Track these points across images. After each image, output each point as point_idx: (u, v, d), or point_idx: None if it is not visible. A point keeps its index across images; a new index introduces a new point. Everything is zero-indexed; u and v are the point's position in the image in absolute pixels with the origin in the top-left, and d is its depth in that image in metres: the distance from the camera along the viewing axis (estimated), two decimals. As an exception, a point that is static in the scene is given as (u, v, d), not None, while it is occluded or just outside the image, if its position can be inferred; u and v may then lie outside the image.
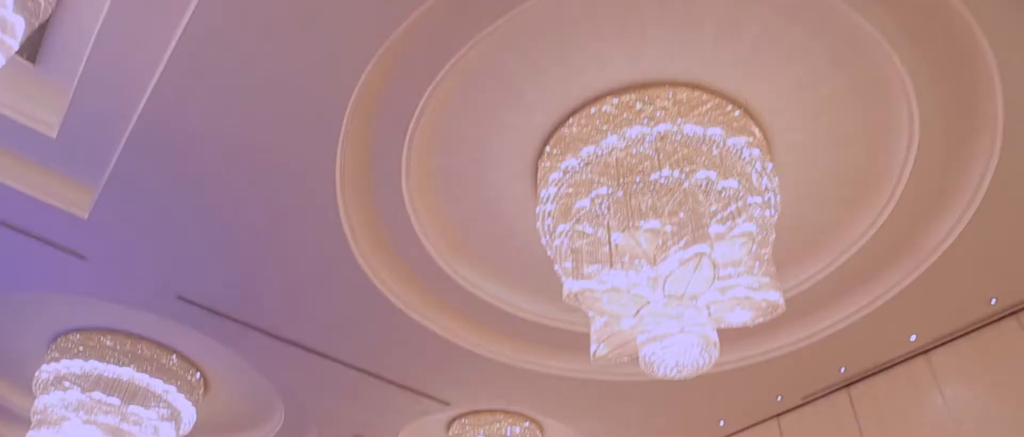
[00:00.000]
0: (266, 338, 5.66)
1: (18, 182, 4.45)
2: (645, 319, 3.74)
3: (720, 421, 6.78)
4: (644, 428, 6.87)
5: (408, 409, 6.66)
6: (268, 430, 7.61)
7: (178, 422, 6.66)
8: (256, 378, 6.73)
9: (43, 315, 6.31)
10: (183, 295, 5.27)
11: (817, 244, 4.97)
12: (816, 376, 6.11)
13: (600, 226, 3.87)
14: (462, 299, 5.32)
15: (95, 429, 6.20)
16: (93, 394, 6.22)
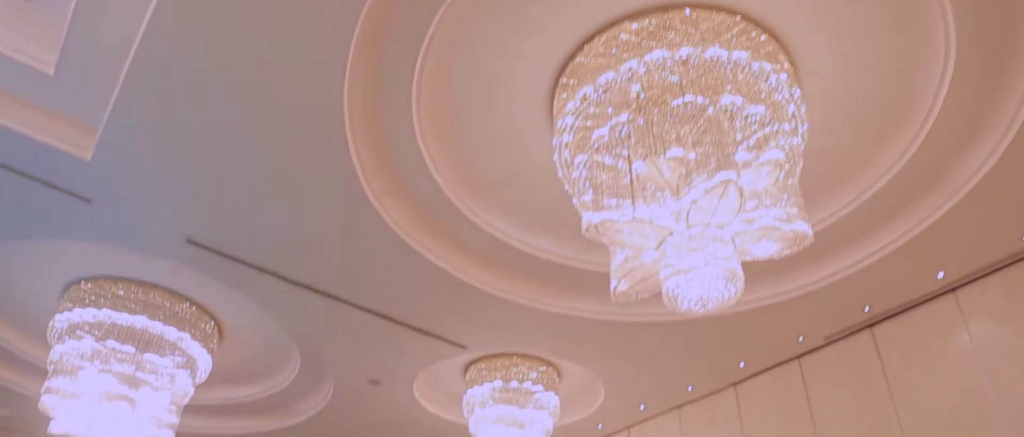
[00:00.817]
0: (278, 282, 5.56)
1: (18, 123, 4.32)
2: (668, 251, 3.59)
3: (740, 362, 6.68)
4: (663, 370, 6.79)
5: (424, 353, 6.59)
6: (284, 377, 7.59)
7: (194, 370, 6.63)
8: (270, 325, 6.68)
9: (53, 264, 6.25)
10: (192, 239, 5.16)
11: (842, 178, 4.79)
12: (839, 316, 5.98)
13: (620, 157, 3.71)
14: (477, 238, 5.19)
15: (111, 378, 6.19)
16: (107, 343, 6.19)
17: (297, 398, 7.94)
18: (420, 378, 7.17)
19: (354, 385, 7.26)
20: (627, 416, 7.79)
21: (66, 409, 6.32)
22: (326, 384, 7.47)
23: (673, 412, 7.59)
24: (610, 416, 7.78)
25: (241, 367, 7.65)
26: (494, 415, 6.60)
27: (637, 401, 7.45)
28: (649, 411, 7.66)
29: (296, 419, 8.22)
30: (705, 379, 7.01)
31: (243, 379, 7.91)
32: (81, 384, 6.20)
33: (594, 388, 7.38)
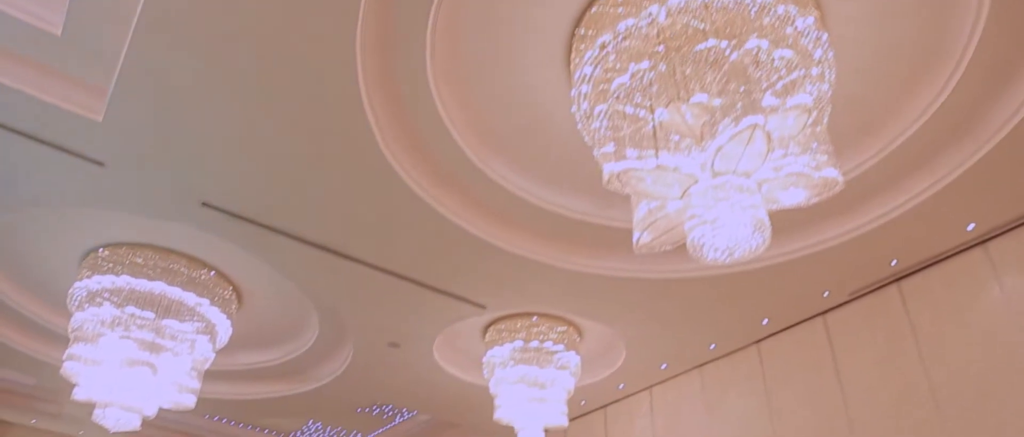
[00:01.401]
0: (294, 243, 5.51)
1: (28, 85, 4.25)
2: (693, 201, 3.49)
3: (764, 319, 6.59)
4: (685, 328, 6.71)
5: (443, 314, 6.54)
6: (304, 342, 7.59)
7: (213, 335, 6.64)
8: (288, 289, 6.65)
9: (71, 232, 6.24)
10: (207, 201, 5.11)
11: (870, 127, 4.65)
12: (865, 270, 5.86)
13: (642, 106, 3.59)
14: (496, 196, 5.10)
15: (131, 344, 6.20)
16: (127, 309, 6.19)
17: (317, 362, 7.95)
18: (439, 340, 7.13)
19: (373, 348, 7.24)
20: (648, 376, 7.74)
21: (88, 375, 6.36)
22: (345, 347, 7.46)
23: (695, 371, 7.53)
24: (631, 376, 7.73)
25: (260, 332, 7.65)
26: (515, 375, 6.56)
27: (658, 360, 7.39)
28: (670, 370, 7.60)
29: (316, 383, 8.24)
30: (727, 337, 6.93)
31: (263, 344, 7.92)
32: (102, 350, 6.22)
33: (615, 348, 7.32)
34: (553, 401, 6.64)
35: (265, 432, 10.72)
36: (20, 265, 6.82)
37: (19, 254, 6.65)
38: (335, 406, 8.96)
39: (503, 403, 6.66)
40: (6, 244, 6.50)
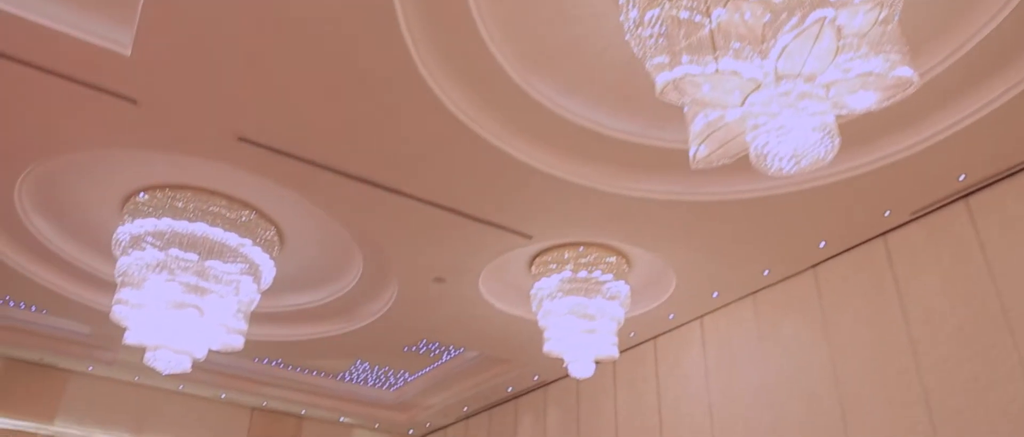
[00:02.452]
0: (335, 177, 5.37)
1: (52, 20, 4.12)
2: (755, 107, 3.24)
3: (821, 242, 6.33)
4: (737, 253, 6.48)
5: (488, 246, 6.40)
6: (348, 281, 7.53)
7: (258, 276, 6.60)
8: (331, 228, 6.56)
9: (110, 177, 6.21)
10: (244, 136, 4.98)
11: (940, 28, 4.31)
12: (930, 186, 5.55)
13: (697, 9, 3.32)
14: (539, 117, 4.88)
15: (177, 286, 6.19)
16: (170, 251, 6.16)
17: (362, 301, 7.91)
18: (485, 273, 7.00)
19: (418, 284, 7.14)
20: (699, 305, 7.55)
21: (137, 319, 6.39)
22: (390, 285, 7.38)
23: (748, 299, 7.32)
24: (681, 305, 7.55)
25: (304, 273, 7.61)
26: (563, 307, 6.43)
27: (710, 289, 7.19)
28: (722, 298, 7.40)
29: (362, 322, 8.21)
30: (782, 262, 6.69)
31: (307, 285, 7.89)
32: (148, 294, 6.23)
33: (665, 277, 7.13)
34: (603, 332, 6.51)
35: (314, 374, 10.83)
36: (65, 214, 6.84)
37: (63, 203, 6.66)
38: (381, 345, 8.95)
39: (552, 336, 6.55)
40: (49, 194, 6.51)
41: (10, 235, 7.07)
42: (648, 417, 8.11)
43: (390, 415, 11.78)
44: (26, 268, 7.58)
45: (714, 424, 7.27)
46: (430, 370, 10.32)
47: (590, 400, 9.13)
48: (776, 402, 6.71)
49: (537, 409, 10.06)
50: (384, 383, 11.10)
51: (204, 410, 11.26)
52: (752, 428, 6.87)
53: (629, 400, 8.49)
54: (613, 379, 8.80)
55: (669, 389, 7.98)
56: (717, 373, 7.44)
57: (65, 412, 10.33)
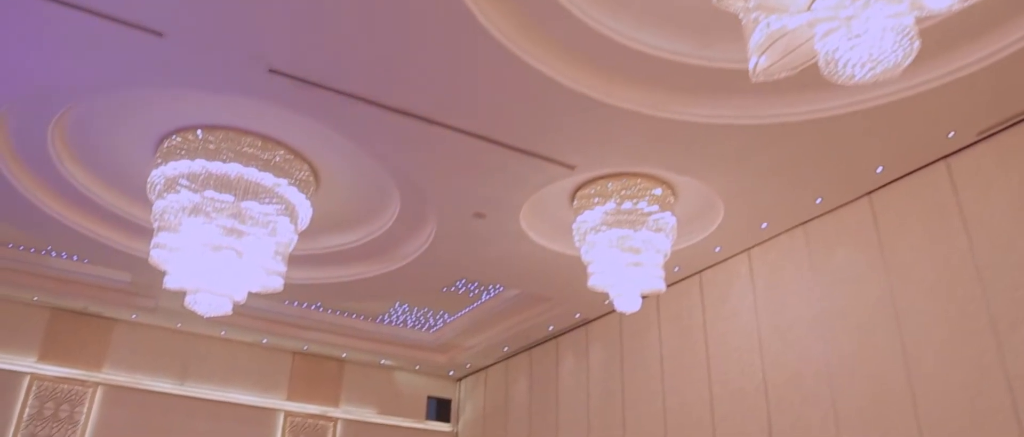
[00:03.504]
0: (370, 109, 5.16)
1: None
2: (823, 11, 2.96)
3: (878, 167, 6.02)
4: (789, 180, 6.20)
5: (530, 178, 6.18)
6: (385, 220, 7.38)
7: (294, 217, 6.48)
8: (367, 165, 6.38)
9: (141, 120, 6.08)
10: (274, 67, 4.78)
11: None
12: (1001, 103, 5.19)
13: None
14: (582, 37, 4.60)
15: (214, 228, 6.09)
16: (205, 193, 6.05)
17: (400, 240, 7.76)
18: (526, 208, 6.79)
19: (458, 220, 6.97)
20: (747, 236, 7.30)
21: (176, 263, 6.32)
22: (428, 222, 7.21)
23: (798, 229, 7.05)
24: (728, 237, 7.30)
25: (341, 213, 7.48)
26: (607, 240, 6.22)
27: (758, 219, 6.92)
28: (772, 229, 7.13)
29: (400, 262, 8.08)
30: (836, 189, 6.39)
31: (344, 225, 7.77)
32: (186, 237, 6.14)
33: (712, 207, 6.87)
34: (649, 265, 6.31)
35: (353, 317, 10.81)
36: (100, 160, 6.78)
37: (96, 149, 6.59)
38: (420, 286, 8.84)
39: (597, 270, 6.36)
40: (82, 140, 6.45)
41: (47, 183, 7.03)
42: (694, 353, 7.95)
43: (430, 357, 11.78)
44: (65, 217, 7.57)
45: (764, 359, 7.09)
46: (470, 310, 10.24)
47: (633, 337, 8.99)
48: (829, 335, 6.49)
49: (579, 348, 9.95)
50: (424, 325, 11.06)
51: (247, 355, 11.36)
52: (804, 362, 6.67)
53: (674, 336, 8.33)
54: (657, 315, 8.63)
55: (716, 324, 7.79)
56: (766, 306, 7.22)
57: (112, 360, 10.47)
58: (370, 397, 12.18)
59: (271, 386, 11.43)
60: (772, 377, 6.95)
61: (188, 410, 10.71)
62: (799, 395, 6.64)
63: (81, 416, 10.04)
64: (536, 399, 10.64)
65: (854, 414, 6.11)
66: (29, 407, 9.77)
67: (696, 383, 7.81)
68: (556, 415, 10.05)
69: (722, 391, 7.47)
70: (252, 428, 11.07)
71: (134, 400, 10.43)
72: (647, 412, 8.39)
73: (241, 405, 11.09)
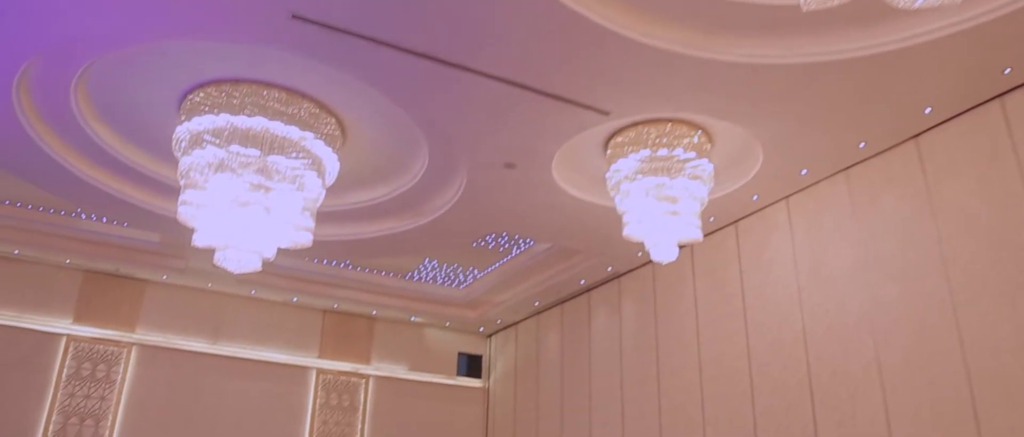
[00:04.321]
0: (397, 54, 4.99)
1: None
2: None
3: (926, 108, 5.75)
4: (831, 123, 5.95)
5: (562, 126, 5.98)
6: (414, 173, 7.25)
7: (322, 172, 6.36)
8: (394, 117, 6.23)
9: (163, 76, 5.98)
10: (297, 12, 4.61)
11: None
12: (1059, 35, 4.90)
13: None
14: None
15: (241, 183, 5.99)
16: (231, 147, 5.94)
17: (429, 194, 7.63)
18: (558, 157, 6.60)
19: (488, 172, 6.81)
20: (786, 184, 7.07)
21: (204, 220, 6.25)
22: (458, 174, 7.06)
23: (840, 175, 6.80)
24: (766, 185, 7.07)
25: (368, 167, 7.35)
26: (642, 188, 6.03)
27: (798, 165, 6.69)
28: (812, 176, 6.89)
29: (430, 216, 7.95)
30: (881, 132, 6.13)
31: (372, 180, 7.64)
32: (213, 194, 6.06)
33: (749, 154, 6.64)
34: (686, 214, 6.13)
35: (383, 274, 10.76)
36: (124, 119, 6.71)
37: (120, 107, 6.53)
38: (450, 241, 8.72)
39: (632, 219, 6.19)
40: (106, 99, 6.38)
41: (74, 144, 6.99)
42: (731, 304, 7.79)
43: (460, 313, 11.73)
44: (92, 178, 7.54)
45: (803, 309, 6.91)
46: (500, 265, 10.13)
47: (667, 290, 8.83)
48: (873, 283, 6.29)
49: (611, 301, 9.82)
50: (453, 281, 10.99)
51: (278, 314, 11.38)
52: (846, 312, 6.49)
53: (709, 288, 8.17)
54: (691, 267, 8.46)
55: (752, 275, 7.61)
56: (805, 255, 7.02)
57: (145, 320, 10.53)
58: (401, 354, 12.20)
59: (303, 344, 11.47)
60: (812, 327, 6.78)
61: (222, 369, 10.78)
62: (840, 345, 6.47)
63: (117, 376, 10.14)
64: (568, 354, 10.57)
65: (898, 364, 5.94)
66: (67, 368, 9.88)
67: (732, 335, 7.66)
68: (589, 369, 9.98)
69: (759, 342, 7.32)
70: (285, 386, 11.14)
71: (168, 359, 10.51)
72: (682, 365, 8.28)
73: (274, 363, 11.15)
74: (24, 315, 9.76)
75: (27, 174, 7.44)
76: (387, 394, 11.88)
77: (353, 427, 11.47)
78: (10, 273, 9.78)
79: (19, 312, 9.74)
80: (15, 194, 8.58)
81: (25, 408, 9.51)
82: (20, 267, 9.86)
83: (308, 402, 11.28)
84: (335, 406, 11.44)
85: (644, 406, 8.75)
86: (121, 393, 10.10)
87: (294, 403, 11.18)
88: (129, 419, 10.03)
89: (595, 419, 9.63)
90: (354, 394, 11.64)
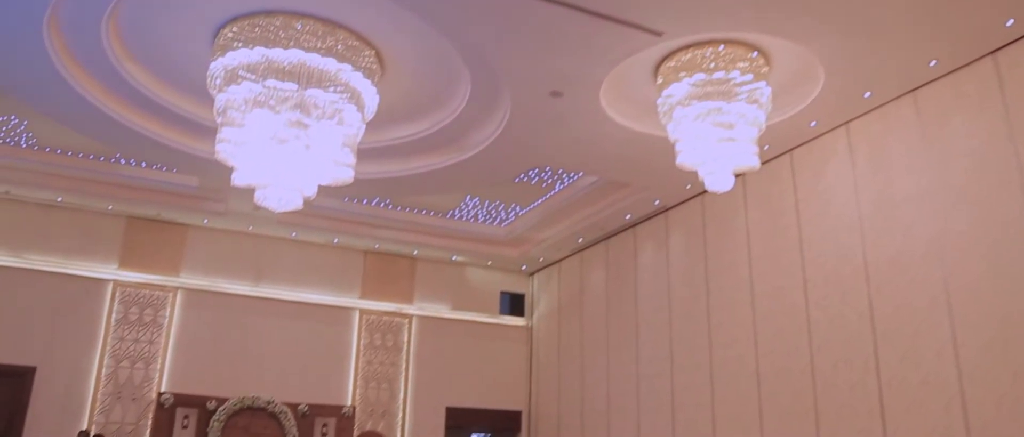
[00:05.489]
0: (437, -27, 4.71)
1: None
2: None
3: (1008, 20, 5.31)
4: (900, 40, 5.55)
5: (612, 49, 5.66)
6: (455, 105, 7.00)
7: (360, 105, 6.14)
8: (434, 45, 5.97)
9: (195, 10, 5.81)
10: (331, -69, 4.34)
11: None
12: None
13: None
14: None
15: (278, 119, 5.80)
16: (267, 82, 5.74)
17: (471, 127, 7.39)
18: (606, 84, 6.27)
19: (533, 100, 6.52)
20: (847, 108, 6.67)
21: (242, 157, 6.09)
22: (501, 105, 6.78)
23: (907, 97, 6.39)
24: (826, 109, 6.69)
25: (408, 101, 7.12)
26: (696, 114, 5.72)
27: (861, 87, 6.29)
28: (876, 98, 6.49)
29: (472, 150, 7.72)
30: (954, 49, 5.71)
31: (412, 115, 7.42)
32: (250, 131, 5.89)
33: (808, 77, 6.25)
34: (742, 140, 5.81)
35: (424, 213, 10.60)
36: (158, 59, 6.60)
37: (153, 47, 6.42)
38: (492, 176, 8.49)
39: (685, 147, 5.90)
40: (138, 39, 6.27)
41: (109, 86, 6.90)
42: (786, 236, 7.48)
43: (502, 251, 11.57)
44: (128, 120, 7.45)
45: (864, 239, 6.59)
46: (543, 201, 9.89)
47: (717, 223, 8.54)
48: (942, 210, 5.95)
49: (658, 236, 9.56)
50: (495, 219, 10.79)
51: (319, 256, 11.33)
52: (911, 241, 6.17)
53: (763, 220, 7.86)
54: (743, 199, 8.14)
55: (809, 204, 7.28)
56: (868, 183, 6.67)
57: (189, 264, 10.57)
58: (443, 293, 12.13)
59: (345, 285, 11.44)
60: (874, 258, 6.48)
61: (266, 311, 10.81)
62: (905, 277, 6.17)
63: (164, 319, 10.23)
64: (613, 291, 10.38)
65: (968, 296, 5.64)
66: (115, 312, 9.98)
67: (788, 268, 7.38)
68: (635, 306, 9.79)
69: (817, 275, 7.04)
70: (329, 327, 11.16)
71: (213, 302, 10.56)
72: (734, 300, 8.03)
73: (317, 305, 11.15)
74: (71, 261, 9.82)
75: (63, 117, 7.36)
76: (430, 334, 11.86)
77: (397, 367, 11.50)
78: (55, 220, 9.82)
79: (66, 259, 9.80)
80: (54, 141, 8.53)
81: (78, 353, 9.66)
82: (64, 214, 9.89)
83: (352, 342, 11.31)
84: (379, 346, 11.46)
85: (694, 342, 8.55)
86: (169, 336, 10.20)
87: (339, 343, 11.22)
88: (178, 361, 10.14)
89: (642, 356, 9.47)
90: (397, 334, 11.64)
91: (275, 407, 10.22)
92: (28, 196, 9.52)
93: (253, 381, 10.35)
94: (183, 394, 9.89)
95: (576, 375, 10.94)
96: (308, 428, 10.42)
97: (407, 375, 11.54)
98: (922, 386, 5.83)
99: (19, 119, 8.02)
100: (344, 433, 10.54)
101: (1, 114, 7.90)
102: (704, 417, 8.17)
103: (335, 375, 11.08)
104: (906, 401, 5.93)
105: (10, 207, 9.61)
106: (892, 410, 6.05)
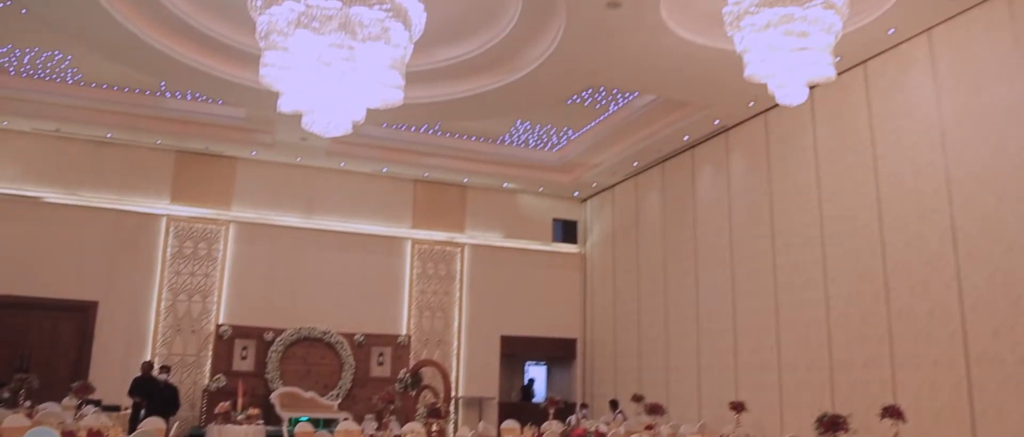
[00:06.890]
0: None
1: None
2: None
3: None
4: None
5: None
6: (506, 22, 6.64)
7: (407, 23, 5.80)
8: (481, -43, 5.61)
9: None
10: None
11: None
12: None
13: None
14: None
15: (322, 40, 5.53)
16: (309, 0, 5.46)
17: (521, 46, 7.04)
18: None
19: (588, 12, 6.13)
20: (930, 12, 6.15)
21: (288, 82, 5.87)
22: (555, 20, 6.41)
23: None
24: (906, 16, 6.18)
25: (457, 19, 6.78)
26: (766, 21, 5.27)
27: (948, -12, 5.78)
28: (964, 1, 5.95)
29: (524, 70, 7.38)
30: (1058, -62, 5.16)
31: (461, 34, 7.09)
32: (295, 54, 5.64)
33: (890, -22, 5.76)
34: (816, 49, 5.35)
35: (473, 139, 10.33)
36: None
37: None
38: (544, 97, 8.17)
39: (754, 59, 5.46)
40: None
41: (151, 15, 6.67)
42: (859, 155, 7.04)
43: (554, 177, 11.30)
44: (173, 49, 7.28)
45: (947, 155, 6.15)
46: (596, 124, 9.53)
47: (782, 142, 8.11)
48: (1037, 120, 5.48)
49: (718, 157, 9.16)
50: (546, 144, 10.48)
51: (369, 186, 11.21)
52: (1001, 156, 5.72)
53: (832, 137, 7.41)
54: (811, 115, 7.68)
55: (885, 120, 6.82)
56: (952, 95, 6.18)
57: (239, 197, 10.56)
58: (495, 221, 11.96)
59: (396, 215, 11.34)
60: (957, 175, 6.05)
61: (318, 241, 10.79)
62: (992, 195, 5.74)
63: (218, 252, 10.29)
64: (670, 216, 10.06)
65: (1064, 210, 5.22)
66: (170, 246, 10.06)
67: (860, 187, 6.97)
68: (693, 231, 9.47)
69: (893, 194, 6.63)
70: (382, 257, 11.12)
71: (265, 235, 10.56)
72: (801, 222, 7.66)
73: (369, 235, 11.08)
74: (124, 197, 9.88)
75: (105, 48, 7.21)
76: (483, 262, 11.76)
77: (451, 295, 11.45)
78: (106, 156, 9.85)
79: (120, 195, 9.86)
80: (100, 76, 8.45)
81: (137, 287, 9.81)
82: (114, 150, 9.90)
83: (405, 271, 11.28)
84: (432, 275, 11.40)
85: (757, 265, 8.23)
86: (223, 270, 10.27)
87: (392, 273, 11.20)
88: (234, 293, 10.23)
89: (702, 281, 9.20)
90: (450, 263, 11.56)
91: (331, 337, 10.28)
92: (78, 133, 9.54)
93: (308, 312, 10.40)
94: (241, 326, 10.00)
95: (632, 303, 10.73)
96: (364, 357, 10.48)
97: (461, 304, 11.50)
98: (1013, 308, 5.46)
99: (63, 54, 7.92)
100: (400, 361, 10.57)
101: (46, 49, 7.80)
102: (768, 343, 7.91)
103: (389, 305, 11.08)
104: (994, 323, 5.58)
105: (61, 145, 9.65)
106: (975, 334, 5.70)
